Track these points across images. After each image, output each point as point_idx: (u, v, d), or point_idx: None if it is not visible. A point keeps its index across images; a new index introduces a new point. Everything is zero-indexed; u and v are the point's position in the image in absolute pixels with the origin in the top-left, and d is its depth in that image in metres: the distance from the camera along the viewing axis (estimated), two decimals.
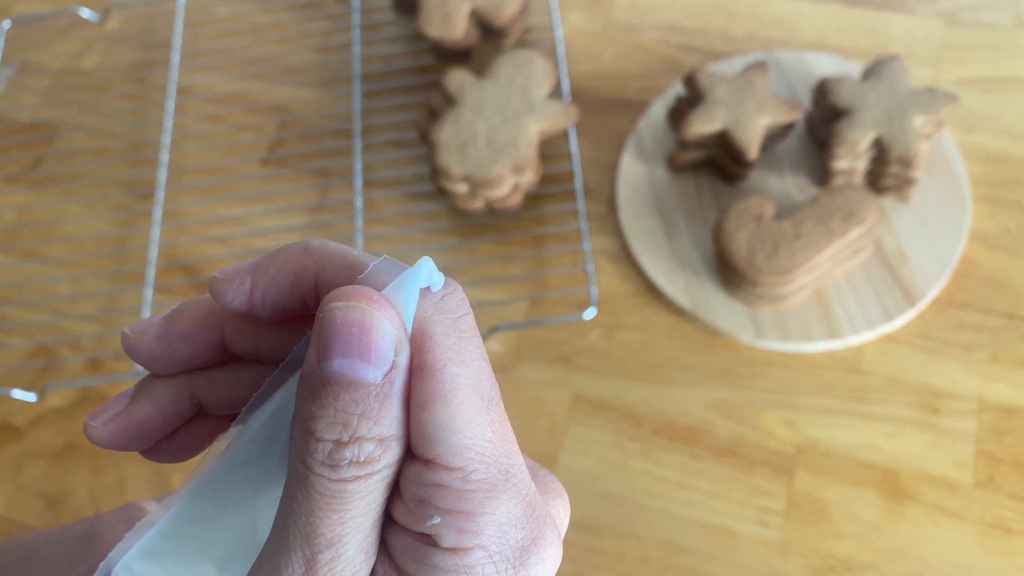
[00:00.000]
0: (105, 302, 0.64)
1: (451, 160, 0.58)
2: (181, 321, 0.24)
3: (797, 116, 0.58)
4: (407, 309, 0.21)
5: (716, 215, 0.59)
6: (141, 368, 0.60)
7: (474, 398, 0.20)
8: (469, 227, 0.63)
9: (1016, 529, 0.49)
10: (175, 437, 0.25)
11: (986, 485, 0.50)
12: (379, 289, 0.21)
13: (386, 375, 0.20)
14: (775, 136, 0.60)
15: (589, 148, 0.64)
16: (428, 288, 0.22)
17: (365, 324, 0.20)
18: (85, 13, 0.77)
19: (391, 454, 0.20)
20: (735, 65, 0.65)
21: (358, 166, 0.65)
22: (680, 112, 0.61)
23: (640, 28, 0.70)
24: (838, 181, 0.58)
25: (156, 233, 0.64)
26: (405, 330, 0.20)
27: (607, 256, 0.60)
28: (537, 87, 0.60)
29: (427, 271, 0.21)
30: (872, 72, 0.58)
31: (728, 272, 0.55)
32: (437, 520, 0.20)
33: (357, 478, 0.20)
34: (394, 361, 0.20)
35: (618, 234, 0.61)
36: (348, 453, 0.19)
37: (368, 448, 0.20)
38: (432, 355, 0.20)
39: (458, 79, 0.61)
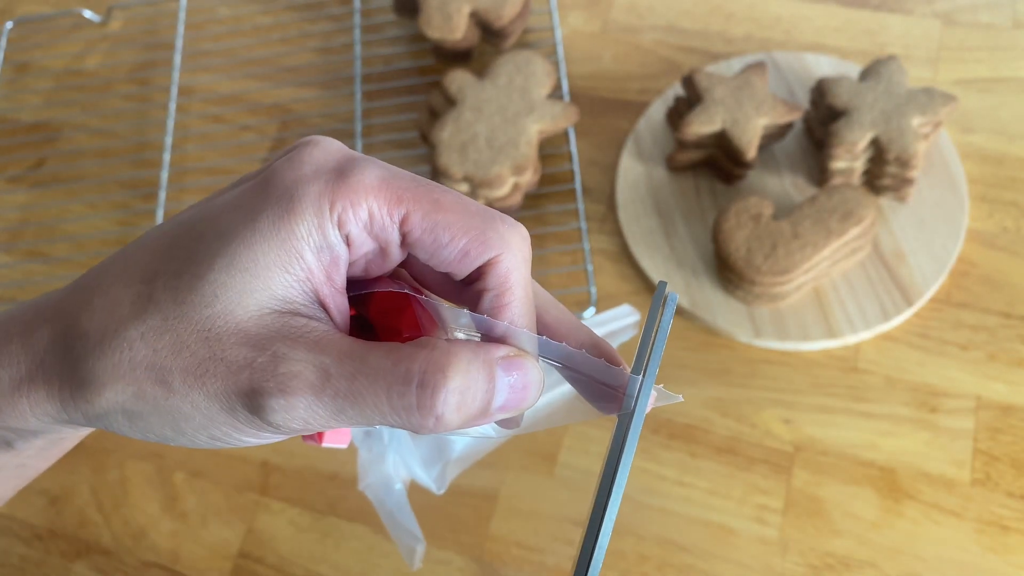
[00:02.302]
0: None
1: (451, 160, 0.58)
2: None
3: (795, 117, 0.59)
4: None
5: (715, 215, 0.59)
6: None
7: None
8: None
9: (1013, 527, 0.49)
10: None
11: (983, 483, 0.50)
12: None
13: None
14: (773, 136, 0.60)
15: (589, 148, 0.65)
16: None
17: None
18: (87, 14, 0.77)
19: None
20: (734, 66, 0.65)
21: None
22: (679, 113, 0.61)
23: (639, 29, 0.70)
24: (836, 181, 0.58)
25: None
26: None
27: (606, 255, 0.61)
28: (537, 88, 0.61)
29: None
30: (870, 73, 0.59)
31: (727, 271, 0.55)
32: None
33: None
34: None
35: (617, 234, 0.61)
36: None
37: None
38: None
39: (458, 80, 0.61)
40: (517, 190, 0.60)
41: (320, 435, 0.31)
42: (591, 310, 0.58)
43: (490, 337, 0.24)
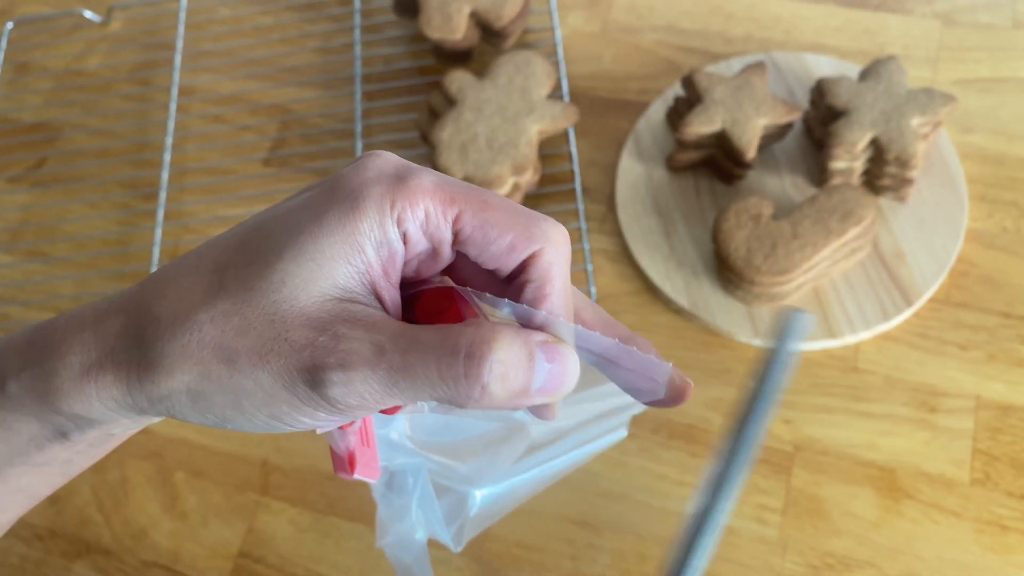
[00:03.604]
0: None
1: (451, 160, 0.58)
2: None
3: (795, 117, 0.59)
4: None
5: (714, 215, 0.59)
6: None
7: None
8: None
9: (1012, 527, 0.49)
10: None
11: (983, 483, 0.50)
12: None
13: None
14: (773, 136, 0.60)
15: (588, 148, 0.65)
16: None
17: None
18: (88, 14, 0.77)
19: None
20: (733, 66, 0.65)
21: None
22: (679, 113, 0.61)
23: (639, 29, 0.70)
24: (836, 181, 0.58)
25: (159, 233, 0.64)
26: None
27: (606, 255, 0.61)
28: (537, 88, 0.61)
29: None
30: (870, 73, 0.59)
31: (726, 271, 0.55)
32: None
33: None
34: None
35: (617, 234, 0.61)
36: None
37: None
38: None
39: (458, 80, 0.61)
40: (517, 190, 0.60)
41: (352, 465, 0.31)
42: None
43: (530, 326, 0.25)
